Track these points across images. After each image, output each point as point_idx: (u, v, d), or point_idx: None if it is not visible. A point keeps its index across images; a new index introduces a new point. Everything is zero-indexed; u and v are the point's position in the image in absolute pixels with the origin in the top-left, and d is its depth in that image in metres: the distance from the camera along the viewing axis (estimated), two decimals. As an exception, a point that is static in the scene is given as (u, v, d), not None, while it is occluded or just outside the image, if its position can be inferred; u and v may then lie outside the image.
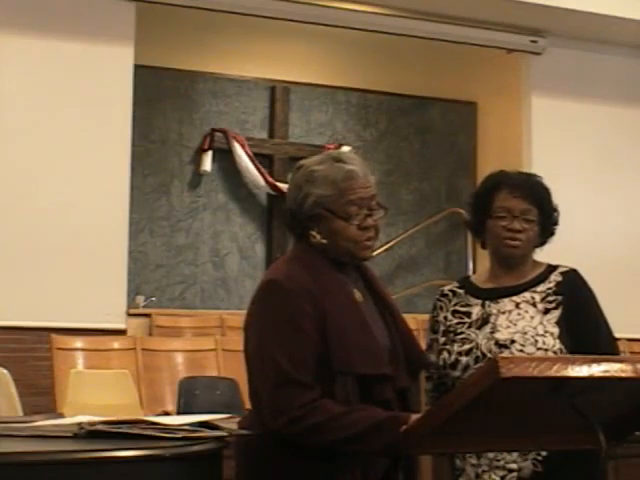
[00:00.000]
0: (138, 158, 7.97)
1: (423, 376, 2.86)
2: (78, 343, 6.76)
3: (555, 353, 2.73)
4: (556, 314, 2.79)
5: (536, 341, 2.74)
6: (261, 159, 8.66)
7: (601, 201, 8.71)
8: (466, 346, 2.80)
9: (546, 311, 2.80)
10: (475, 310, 2.85)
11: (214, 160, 8.57)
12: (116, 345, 6.94)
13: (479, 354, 2.77)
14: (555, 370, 1.97)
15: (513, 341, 2.75)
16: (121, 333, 7.20)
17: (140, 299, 8.08)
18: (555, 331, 2.77)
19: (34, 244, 7.02)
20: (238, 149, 8.55)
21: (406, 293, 8.87)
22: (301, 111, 9.07)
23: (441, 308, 2.91)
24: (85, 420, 2.34)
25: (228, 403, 5.75)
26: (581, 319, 2.80)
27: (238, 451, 2.48)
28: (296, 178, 2.54)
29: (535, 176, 2.92)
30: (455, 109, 9.59)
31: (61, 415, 3.62)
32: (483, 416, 2.10)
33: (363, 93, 9.31)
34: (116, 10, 7.38)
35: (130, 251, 7.59)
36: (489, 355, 2.74)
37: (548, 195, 2.88)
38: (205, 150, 8.55)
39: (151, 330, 7.69)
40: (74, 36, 7.29)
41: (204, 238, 8.61)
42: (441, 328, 2.88)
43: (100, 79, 7.32)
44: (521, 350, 2.73)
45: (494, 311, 2.83)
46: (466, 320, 2.84)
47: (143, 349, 6.93)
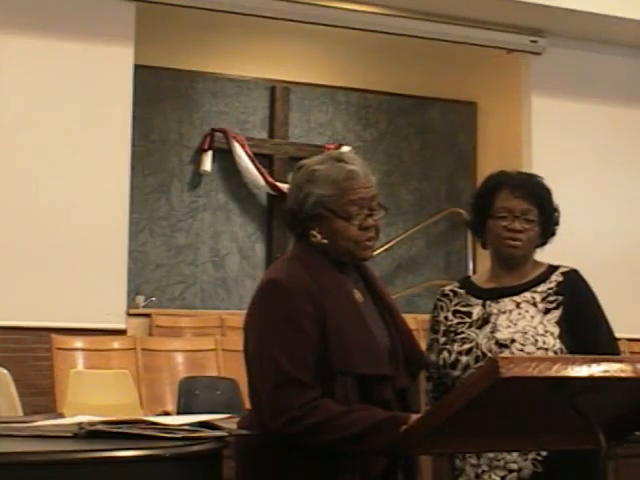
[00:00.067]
0: (138, 158, 7.97)
1: (423, 376, 2.86)
2: (78, 343, 6.76)
3: (555, 353, 2.73)
4: (556, 314, 2.79)
5: (536, 340, 2.75)
6: (261, 159, 8.66)
7: (601, 201, 8.71)
8: (466, 345, 2.80)
9: (547, 311, 2.80)
10: (476, 310, 2.85)
11: (214, 160, 8.57)
12: (116, 345, 6.94)
13: (479, 353, 2.77)
14: (555, 370, 1.97)
15: (513, 340, 2.75)
16: (121, 333, 7.20)
17: (140, 299, 8.08)
18: (555, 331, 2.77)
19: (34, 244, 7.02)
20: (238, 149, 8.55)
21: (406, 293, 8.87)
22: (301, 111, 9.07)
23: (442, 308, 2.91)
24: (85, 420, 2.34)
25: (228, 403, 5.75)
26: (581, 319, 2.80)
27: (238, 451, 2.48)
28: (297, 178, 2.54)
29: (536, 176, 2.93)
30: (455, 109, 9.58)
31: (61, 415, 3.62)
32: (483, 416, 2.10)
33: (363, 93, 9.31)
34: (116, 10, 7.38)
35: (130, 251, 7.58)
36: (489, 354, 2.74)
37: (549, 195, 2.88)
38: (205, 150, 8.54)
39: (151, 330, 7.69)
40: (74, 36, 7.29)
41: (204, 238, 8.61)
42: (442, 328, 2.88)
43: (100, 79, 7.32)
44: (521, 349, 2.74)
45: (495, 311, 2.83)
46: (467, 320, 2.85)
47: (143, 349, 6.93)
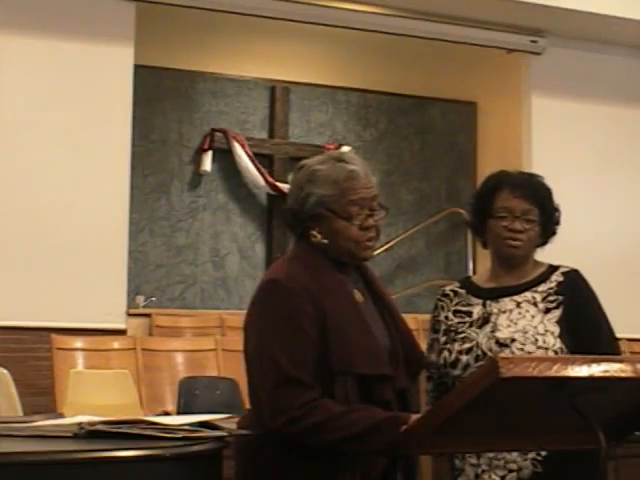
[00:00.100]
0: (138, 158, 7.96)
1: (423, 376, 2.86)
2: (78, 343, 6.76)
3: (555, 352, 2.73)
4: (557, 313, 2.79)
5: (536, 340, 2.74)
6: (261, 159, 8.66)
7: (601, 201, 8.71)
8: (466, 345, 2.80)
9: (547, 310, 2.80)
10: (476, 309, 2.85)
11: (214, 160, 8.57)
12: (116, 345, 6.94)
13: (479, 353, 2.77)
14: (555, 370, 1.97)
15: (513, 340, 2.75)
16: (121, 333, 7.20)
17: (140, 299, 8.08)
18: (556, 330, 2.77)
19: (34, 244, 7.01)
20: (238, 149, 8.55)
21: (406, 293, 8.87)
22: (301, 111, 9.07)
23: (442, 308, 2.91)
24: (85, 420, 2.34)
25: (228, 403, 5.75)
26: (582, 319, 2.80)
27: (238, 451, 2.48)
28: (298, 178, 2.54)
29: (537, 176, 2.92)
30: (455, 109, 9.58)
31: (61, 415, 3.61)
32: (483, 416, 2.09)
33: (363, 93, 9.31)
34: (116, 10, 7.38)
35: (130, 251, 7.58)
36: (489, 354, 2.74)
37: (549, 195, 2.88)
38: (205, 150, 8.54)
39: (151, 330, 7.69)
40: (74, 36, 7.29)
41: (204, 238, 8.60)
42: (442, 327, 2.88)
43: (100, 79, 7.32)
44: (521, 349, 2.74)
45: (495, 310, 2.83)
46: (467, 319, 2.85)
47: (143, 349, 6.93)
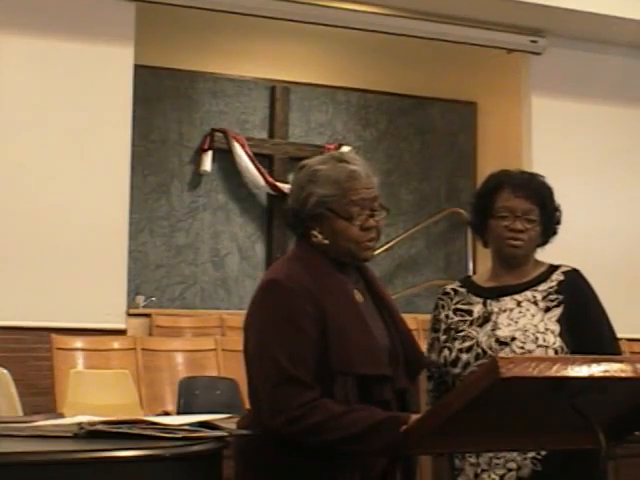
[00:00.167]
0: (138, 158, 7.97)
1: (423, 376, 2.86)
2: (78, 343, 6.76)
3: (555, 350, 2.73)
4: (557, 312, 2.79)
5: (536, 338, 2.74)
6: (261, 159, 8.66)
7: (601, 201, 8.70)
8: (467, 343, 2.80)
9: (547, 309, 2.80)
10: (476, 308, 2.85)
11: (214, 160, 8.57)
12: (116, 345, 6.94)
13: (479, 351, 2.77)
14: (555, 370, 1.97)
15: (514, 338, 2.75)
16: (121, 333, 7.20)
17: (140, 299, 8.08)
18: (556, 329, 2.77)
19: (34, 244, 7.01)
20: (238, 149, 8.55)
21: (406, 293, 8.87)
22: (301, 111, 9.07)
23: (443, 307, 2.91)
24: (85, 420, 2.34)
25: (228, 403, 5.75)
26: (582, 319, 2.80)
27: (238, 451, 2.48)
28: (299, 178, 2.54)
29: (538, 176, 2.92)
30: (455, 109, 9.58)
31: (61, 415, 3.62)
32: (483, 416, 2.09)
33: (363, 93, 9.31)
34: (116, 10, 7.38)
35: (130, 251, 7.58)
36: (489, 352, 2.74)
37: (551, 195, 2.88)
38: (205, 150, 8.54)
39: (151, 330, 7.68)
40: (74, 36, 7.29)
41: (204, 238, 8.61)
42: (442, 326, 2.88)
43: (100, 79, 7.32)
44: (521, 347, 2.73)
45: (495, 309, 2.83)
46: (467, 318, 2.84)
47: (143, 349, 6.93)
